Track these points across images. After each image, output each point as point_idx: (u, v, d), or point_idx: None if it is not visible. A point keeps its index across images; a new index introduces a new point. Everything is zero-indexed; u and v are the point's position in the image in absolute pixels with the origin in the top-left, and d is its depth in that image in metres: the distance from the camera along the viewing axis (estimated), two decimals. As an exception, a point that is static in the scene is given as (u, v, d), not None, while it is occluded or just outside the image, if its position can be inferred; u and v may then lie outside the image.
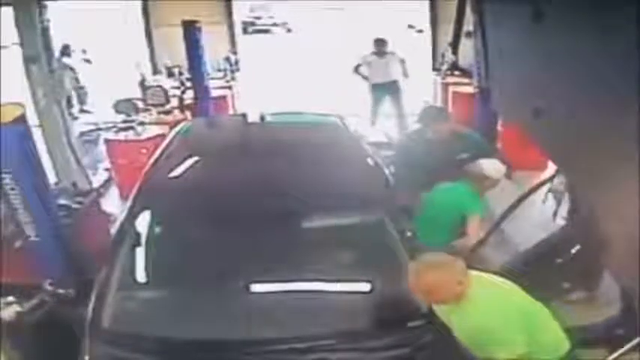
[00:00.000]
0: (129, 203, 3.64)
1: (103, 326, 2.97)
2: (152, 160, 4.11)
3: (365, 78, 8.66)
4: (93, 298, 3.09)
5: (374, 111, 8.83)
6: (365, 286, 3.21)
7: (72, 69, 9.06)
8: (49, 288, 3.55)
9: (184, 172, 3.80)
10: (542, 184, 4.54)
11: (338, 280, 3.19)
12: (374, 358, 2.83)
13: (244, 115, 4.79)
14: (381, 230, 3.30)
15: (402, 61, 8.64)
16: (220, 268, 3.18)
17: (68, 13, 12.35)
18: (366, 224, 3.42)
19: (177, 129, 4.81)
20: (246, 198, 3.41)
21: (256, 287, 3.17)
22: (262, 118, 4.54)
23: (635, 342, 2.38)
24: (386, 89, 8.65)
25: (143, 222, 3.43)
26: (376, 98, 8.75)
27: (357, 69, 8.74)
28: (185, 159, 3.93)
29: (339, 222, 3.40)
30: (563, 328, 2.76)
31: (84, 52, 11.71)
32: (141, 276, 3.29)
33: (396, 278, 2.95)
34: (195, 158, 3.98)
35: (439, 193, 4.22)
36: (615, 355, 2.57)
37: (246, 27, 22.86)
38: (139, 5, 10.59)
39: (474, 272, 2.67)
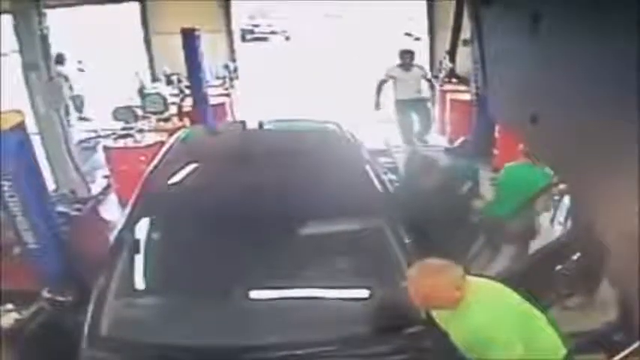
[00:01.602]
0: (128, 210, 3.64)
1: (102, 333, 2.97)
2: (151, 167, 4.12)
3: (378, 104, 7.91)
4: (91, 306, 3.08)
5: (404, 131, 8.11)
6: (364, 293, 3.21)
7: (66, 77, 9.09)
8: (48, 295, 3.54)
9: (183, 179, 3.81)
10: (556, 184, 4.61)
11: (337, 287, 3.19)
12: None
13: (243, 123, 4.81)
14: (380, 237, 3.30)
15: (428, 80, 8.13)
16: (219, 275, 3.18)
17: (67, 20, 12.38)
18: (364, 231, 3.41)
19: (175, 136, 4.82)
20: (244, 205, 3.42)
21: (255, 294, 3.17)
22: (261, 125, 4.55)
23: (634, 346, 2.39)
24: (412, 107, 7.93)
25: (142, 229, 3.43)
26: (402, 116, 8.02)
27: (380, 86, 7.91)
28: (184, 166, 3.94)
29: (338, 229, 3.40)
30: (560, 334, 2.77)
31: (79, 62, 11.78)
32: (139, 283, 3.28)
33: (395, 284, 2.98)
34: (194, 165, 3.98)
35: (511, 174, 4.63)
36: (615, 359, 2.57)
37: (244, 35, 22.95)
38: (138, 13, 10.64)
39: (471, 277, 2.68)
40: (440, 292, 2.55)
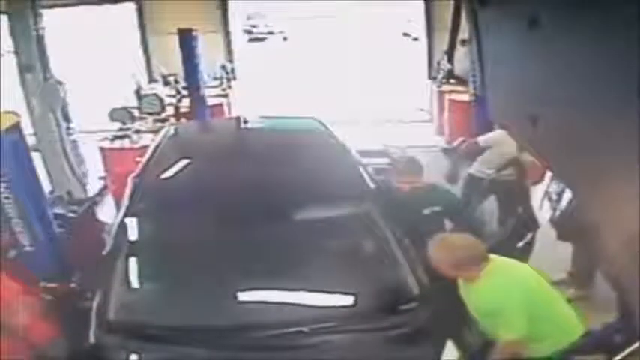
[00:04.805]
0: (121, 209, 3.73)
1: (109, 317, 3.05)
2: (141, 165, 4.19)
3: (455, 178, 5.27)
4: (98, 294, 3.15)
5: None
6: (359, 275, 3.31)
7: (60, 82, 8.99)
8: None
9: (172, 175, 3.91)
10: None
11: (332, 270, 3.29)
12: (373, 338, 2.95)
13: (237, 119, 4.94)
14: (369, 222, 3.48)
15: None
16: (215, 264, 3.27)
17: (64, 20, 12.34)
18: (354, 218, 3.55)
19: (161, 134, 4.91)
20: (230, 198, 3.56)
21: (251, 280, 3.23)
22: (245, 121, 4.66)
23: (634, 346, 2.38)
24: (493, 188, 5.17)
25: (137, 221, 3.52)
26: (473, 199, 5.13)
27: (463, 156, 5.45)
28: (172, 162, 4.05)
29: (329, 214, 3.51)
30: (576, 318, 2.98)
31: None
32: (138, 273, 3.33)
33: (387, 265, 3.28)
34: (184, 162, 4.08)
35: None
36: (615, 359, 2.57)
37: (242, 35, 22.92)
38: (135, 13, 10.61)
39: (491, 255, 2.91)
40: (470, 261, 2.82)
